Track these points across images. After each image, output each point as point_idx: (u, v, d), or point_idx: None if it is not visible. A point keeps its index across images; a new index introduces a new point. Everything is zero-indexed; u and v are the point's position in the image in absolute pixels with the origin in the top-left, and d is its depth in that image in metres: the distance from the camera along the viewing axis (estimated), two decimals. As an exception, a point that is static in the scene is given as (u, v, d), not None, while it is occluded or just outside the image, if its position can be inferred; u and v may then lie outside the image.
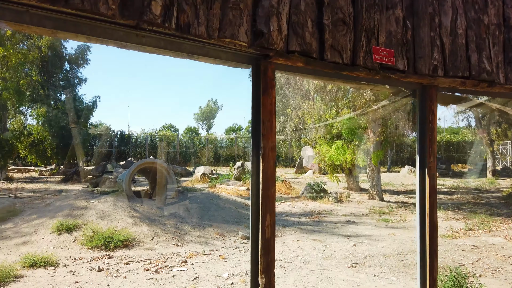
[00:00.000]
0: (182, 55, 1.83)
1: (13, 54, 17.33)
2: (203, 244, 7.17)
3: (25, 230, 7.47)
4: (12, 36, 17.72)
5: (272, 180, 1.92)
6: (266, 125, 1.92)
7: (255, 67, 1.95)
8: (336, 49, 2.04)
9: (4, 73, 17.79)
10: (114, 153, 33.42)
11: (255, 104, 1.96)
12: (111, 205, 8.34)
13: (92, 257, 6.32)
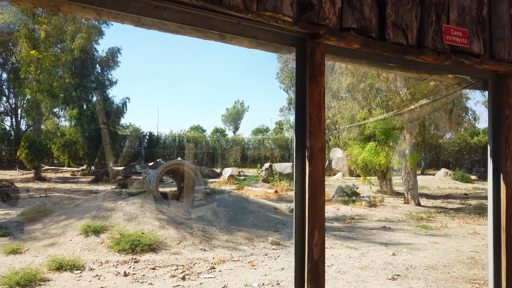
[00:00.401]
0: (211, 35, 1.51)
1: (46, 56, 17.74)
2: (231, 250, 6.87)
3: (53, 231, 7.42)
4: (46, 39, 18.16)
5: (321, 187, 1.56)
6: (313, 120, 1.57)
7: (300, 50, 1.60)
8: (399, 27, 1.65)
9: (38, 76, 18.25)
10: (143, 154, 33.86)
11: (299, 95, 1.61)
12: (139, 207, 8.19)
13: (118, 260, 6.14)
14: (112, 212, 7.93)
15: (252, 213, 9.03)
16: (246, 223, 8.37)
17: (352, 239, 7.67)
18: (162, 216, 8.02)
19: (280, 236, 7.82)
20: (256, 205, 9.84)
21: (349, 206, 11.63)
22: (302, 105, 1.59)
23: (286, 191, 14.08)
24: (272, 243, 7.21)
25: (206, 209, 8.85)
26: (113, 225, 7.42)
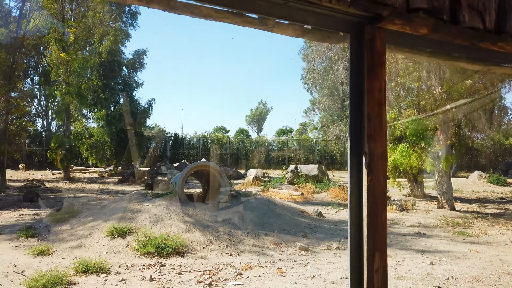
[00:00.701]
0: (252, 20, 1.27)
1: (75, 59, 18.08)
2: (258, 255, 6.63)
3: (80, 232, 7.40)
4: (75, 42, 18.51)
5: (382, 202, 1.30)
6: (373, 121, 1.31)
7: (355, 37, 1.35)
8: (475, 9, 1.37)
9: (67, 78, 18.62)
10: (168, 155, 34.16)
11: (355, 91, 1.36)
12: (164, 209, 8.08)
13: (144, 264, 6.02)
14: (138, 214, 7.85)
15: (279, 217, 8.77)
16: (273, 227, 8.12)
17: (385, 245, 7.29)
18: (187, 219, 7.88)
19: (308, 241, 7.53)
20: (283, 208, 9.58)
21: (379, 210, 11.18)
22: (358, 103, 1.34)
23: (312, 193, 13.73)
24: (300, 248, 6.92)
25: (232, 212, 8.66)
26: (139, 227, 7.33)
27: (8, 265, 5.79)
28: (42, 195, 13.43)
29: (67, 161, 19.32)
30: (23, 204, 11.67)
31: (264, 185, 14.84)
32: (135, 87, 24.77)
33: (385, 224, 1.33)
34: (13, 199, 12.55)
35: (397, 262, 6.21)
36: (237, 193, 10.17)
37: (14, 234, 7.61)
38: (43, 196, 13.47)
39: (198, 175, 11.56)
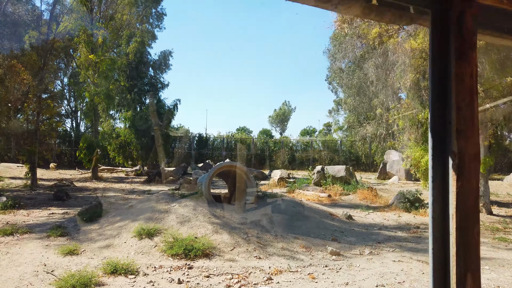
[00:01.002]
0: None
1: (103, 60, 18.37)
2: (288, 258, 6.41)
3: (108, 232, 7.39)
4: (103, 44, 18.81)
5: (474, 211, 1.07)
6: (463, 113, 1.08)
7: (438, 14, 1.12)
8: None
9: (96, 79, 18.96)
10: (192, 155, 34.38)
11: (438, 79, 1.13)
12: (191, 210, 7.98)
13: (172, 266, 5.90)
14: (165, 215, 7.78)
15: (308, 219, 8.51)
16: (302, 230, 7.88)
17: (422, 251, 6.91)
18: (214, 220, 7.74)
19: (339, 245, 7.24)
20: (311, 210, 9.31)
21: (412, 214, 10.73)
22: (442, 93, 1.11)
23: (340, 195, 13.37)
24: (331, 253, 6.65)
25: (259, 214, 8.47)
26: (166, 228, 7.25)
27: (38, 264, 5.81)
28: (71, 194, 13.66)
29: (95, 161, 19.65)
30: (53, 203, 11.87)
31: (290, 186, 14.59)
32: (161, 88, 25.00)
33: (478, 239, 1.10)
34: (44, 198, 12.80)
35: (436, 270, 5.85)
36: (264, 194, 9.98)
37: (44, 233, 7.69)
38: (72, 195, 13.70)
39: (224, 175, 11.44)
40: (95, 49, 19.07)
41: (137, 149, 23.29)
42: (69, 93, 33.29)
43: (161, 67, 24.75)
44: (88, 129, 32.99)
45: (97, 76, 19.06)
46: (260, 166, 33.31)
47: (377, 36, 10.25)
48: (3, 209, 9.84)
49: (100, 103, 19.75)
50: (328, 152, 35.59)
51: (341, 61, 22.23)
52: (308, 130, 64.92)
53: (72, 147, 30.39)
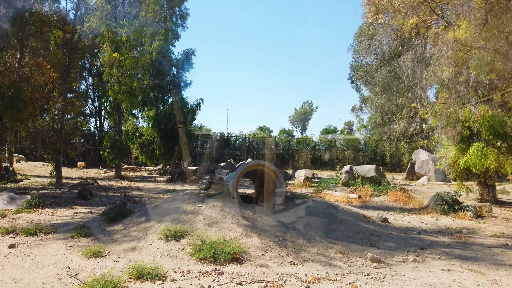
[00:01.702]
0: None
1: (127, 59, 18.26)
2: (324, 265, 5.90)
3: (133, 233, 7.06)
4: (127, 42, 18.71)
5: None
6: None
7: None
8: None
9: (119, 77, 18.88)
10: (214, 155, 34.19)
11: None
12: (219, 211, 7.57)
13: (201, 271, 5.50)
14: (192, 216, 7.40)
15: (342, 222, 7.97)
16: (337, 234, 7.35)
17: (472, 259, 6.28)
18: (243, 222, 7.31)
19: (379, 251, 6.68)
20: (343, 212, 8.76)
21: (450, 217, 10.02)
22: None
23: (370, 196, 12.73)
24: (372, 259, 6.11)
25: (289, 216, 7.98)
26: (194, 229, 6.87)
27: (62, 267, 5.51)
28: (95, 193, 13.51)
29: (119, 160, 19.60)
30: (77, 202, 11.72)
31: (317, 187, 14.04)
32: (183, 86, 24.86)
33: None
34: (68, 197, 12.69)
35: (493, 281, 5.23)
36: (292, 195, 9.49)
37: (68, 233, 7.44)
38: (96, 194, 13.56)
39: (251, 175, 11.00)
40: (119, 47, 19.00)
41: (160, 148, 23.18)
42: (93, 93, 33.64)
43: (184, 66, 24.59)
44: (111, 128, 33.26)
45: (121, 74, 18.98)
46: (282, 165, 32.78)
47: (414, 27, 9.60)
48: (27, 208, 9.70)
49: (123, 101, 19.67)
50: (352, 151, 34.72)
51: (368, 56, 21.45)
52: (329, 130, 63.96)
53: (96, 146, 30.67)
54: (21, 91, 12.20)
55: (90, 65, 30.66)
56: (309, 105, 71.64)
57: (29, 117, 14.17)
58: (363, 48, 22.16)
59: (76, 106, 17.05)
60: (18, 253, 6.11)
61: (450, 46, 8.24)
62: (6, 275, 5.14)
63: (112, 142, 19.08)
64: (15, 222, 8.43)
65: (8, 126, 13.31)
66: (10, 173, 16.29)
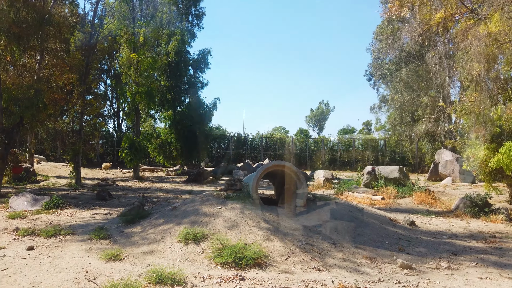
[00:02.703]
0: None
1: (144, 59, 18.26)
2: (351, 271, 5.59)
3: (152, 236, 6.90)
4: (144, 42, 18.71)
5: None
6: None
7: None
8: None
9: (137, 78, 18.90)
10: (231, 155, 34.06)
11: None
12: (239, 213, 7.34)
13: (221, 276, 5.27)
14: (211, 218, 7.19)
15: (367, 226, 7.63)
16: (363, 238, 7.02)
17: (510, 267, 5.86)
18: (264, 225, 7.06)
19: (409, 257, 6.32)
20: (369, 215, 8.41)
21: (481, 220, 9.53)
22: None
23: (395, 198, 12.29)
24: (402, 266, 5.76)
25: (312, 218, 7.69)
26: (213, 232, 6.65)
27: (80, 270, 5.37)
28: (113, 194, 13.49)
29: (137, 160, 19.63)
30: (96, 203, 11.69)
31: (337, 188, 13.67)
32: (200, 87, 24.73)
33: None
34: (87, 197, 12.69)
35: (539, 292, 4.83)
36: (314, 197, 9.19)
37: (86, 235, 7.33)
38: (114, 194, 13.54)
39: (270, 176, 10.75)
40: (136, 48, 19.03)
41: (177, 149, 23.14)
42: (112, 94, 33.97)
43: (201, 66, 24.48)
44: (129, 129, 33.51)
45: (138, 75, 19.00)
46: (299, 166, 32.38)
47: (441, 21, 9.17)
48: (47, 209, 9.69)
49: (141, 102, 19.69)
50: (371, 152, 34.05)
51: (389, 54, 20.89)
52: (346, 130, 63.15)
53: (114, 147, 30.94)
54: (40, 92, 12.26)
55: (109, 67, 30.96)
56: (326, 105, 70.91)
57: (49, 118, 14.26)
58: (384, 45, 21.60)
59: (95, 107, 17.13)
60: (37, 256, 6.02)
61: (481, 41, 7.80)
62: (24, 279, 5.02)
63: (130, 143, 19.11)
64: (34, 223, 8.39)
65: (28, 127, 13.40)
66: (30, 174, 16.48)
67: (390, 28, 19.00)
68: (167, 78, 22.85)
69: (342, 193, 12.95)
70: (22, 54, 12.82)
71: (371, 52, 29.28)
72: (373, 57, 29.90)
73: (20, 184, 15.34)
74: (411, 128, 23.99)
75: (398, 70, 22.74)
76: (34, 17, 12.18)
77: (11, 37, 11.79)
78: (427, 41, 12.76)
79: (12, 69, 13.23)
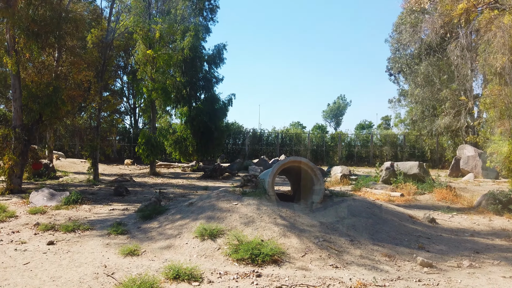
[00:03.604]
0: None
1: (160, 55, 18.42)
2: (369, 269, 5.54)
3: (169, 232, 6.99)
4: (160, 39, 18.87)
5: None
6: None
7: None
8: None
9: (153, 74, 19.09)
10: (246, 151, 34.13)
11: None
12: (255, 209, 7.37)
13: (238, 272, 5.31)
14: (227, 214, 7.24)
15: (386, 223, 7.55)
16: (381, 235, 6.95)
17: (536, 266, 5.71)
18: (280, 221, 7.06)
19: (429, 255, 6.23)
20: (387, 212, 8.31)
21: (505, 217, 9.30)
22: None
23: (414, 194, 12.10)
24: (422, 264, 5.68)
25: (329, 215, 7.65)
26: (230, 228, 6.69)
27: (98, 265, 5.49)
28: (130, 190, 13.72)
29: (153, 156, 19.87)
30: (114, 198, 11.91)
31: (355, 184, 13.54)
32: (215, 82, 24.78)
33: None
34: (105, 193, 12.94)
35: None
36: (331, 193, 9.13)
37: (105, 230, 7.49)
38: (131, 190, 13.76)
39: (286, 172, 10.74)
40: (152, 44, 19.21)
41: (192, 145, 23.32)
42: (128, 91, 34.44)
43: (216, 61, 24.51)
44: (146, 125, 33.94)
45: (154, 71, 19.19)
46: (316, 162, 32.20)
47: (463, 12, 8.92)
48: (66, 204, 9.92)
49: (157, 98, 19.89)
50: (389, 147, 33.57)
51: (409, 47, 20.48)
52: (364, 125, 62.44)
53: (131, 143, 31.42)
54: (59, 89, 12.53)
55: (125, 63, 31.36)
56: (343, 100, 70.21)
57: (67, 115, 14.57)
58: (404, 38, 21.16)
59: (112, 104, 17.41)
60: (57, 250, 6.18)
61: (506, 32, 7.57)
62: (44, 273, 5.17)
63: (147, 139, 19.35)
64: (54, 218, 8.61)
65: (48, 124, 13.72)
66: (50, 170, 16.90)
67: (413, 18, 18.56)
68: (182, 74, 22.99)
69: (360, 190, 12.83)
70: (40, 52, 13.11)
71: (390, 44, 28.78)
72: (392, 49, 29.41)
73: (39, 180, 15.74)
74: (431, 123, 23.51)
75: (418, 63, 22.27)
76: (51, 14, 12.43)
77: (29, 35, 12.07)
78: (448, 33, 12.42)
79: (31, 66, 13.55)
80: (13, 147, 11.96)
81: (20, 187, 12.35)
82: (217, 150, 25.77)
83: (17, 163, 11.92)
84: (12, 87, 12.45)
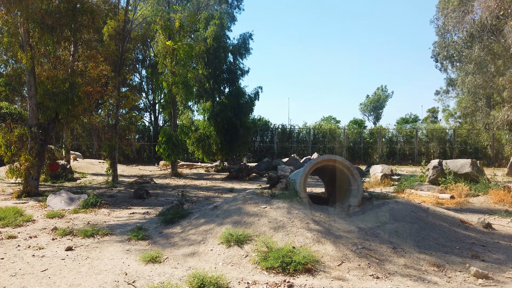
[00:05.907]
0: None
1: (181, 47, 18.69)
2: (415, 280, 5.42)
3: (192, 237, 7.10)
4: (180, 28, 19.14)
5: None
6: None
7: None
8: None
9: (173, 67, 19.40)
10: (275, 149, 34.10)
11: None
12: (285, 213, 7.36)
13: (268, 282, 5.32)
14: (255, 218, 7.27)
15: (433, 228, 7.35)
16: (428, 242, 6.77)
17: None
18: (313, 226, 7.02)
19: (484, 264, 6.02)
20: (435, 216, 8.09)
21: None
22: None
23: (466, 196, 11.72)
24: (476, 275, 5.49)
25: (368, 220, 7.53)
26: (258, 234, 6.72)
27: (119, 272, 5.65)
28: (151, 192, 14.02)
29: (175, 156, 20.21)
30: (134, 202, 12.21)
31: (398, 185, 13.27)
32: (241, 74, 24.87)
33: None
34: (124, 196, 13.29)
35: None
36: (370, 195, 8.99)
37: (125, 235, 7.69)
38: (152, 192, 14.06)
39: (320, 171, 10.67)
40: (172, 35, 19.52)
41: (216, 143, 23.53)
42: (147, 86, 35.16)
43: (241, 52, 24.61)
44: (166, 122, 34.56)
45: (175, 64, 19.49)
46: (353, 160, 31.79)
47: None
48: (84, 208, 10.26)
49: (178, 93, 20.20)
50: (437, 143, 32.67)
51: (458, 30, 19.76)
52: (407, 119, 61.02)
53: (151, 142, 32.08)
54: (75, 86, 12.95)
55: (143, 56, 32.03)
56: (383, 91, 68.82)
57: (84, 113, 15.05)
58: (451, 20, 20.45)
59: (130, 100, 17.83)
60: (75, 257, 6.40)
61: None
62: (63, 280, 5.37)
63: (167, 137, 19.70)
64: (72, 222, 8.92)
65: (64, 123, 14.23)
66: (67, 171, 17.53)
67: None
68: (205, 66, 23.22)
69: (403, 191, 12.56)
70: (56, 46, 13.59)
71: (435, 27, 27.90)
72: (437, 34, 28.49)
73: (57, 182, 16.37)
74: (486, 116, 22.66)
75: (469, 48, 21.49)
76: (66, 6, 12.86)
77: (44, 28, 12.55)
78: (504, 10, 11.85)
79: (46, 62, 14.07)
80: (29, 148, 12.44)
81: (37, 189, 12.88)
82: (242, 149, 25.89)
83: (33, 164, 12.42)
84: (27, 84, 12.97)
